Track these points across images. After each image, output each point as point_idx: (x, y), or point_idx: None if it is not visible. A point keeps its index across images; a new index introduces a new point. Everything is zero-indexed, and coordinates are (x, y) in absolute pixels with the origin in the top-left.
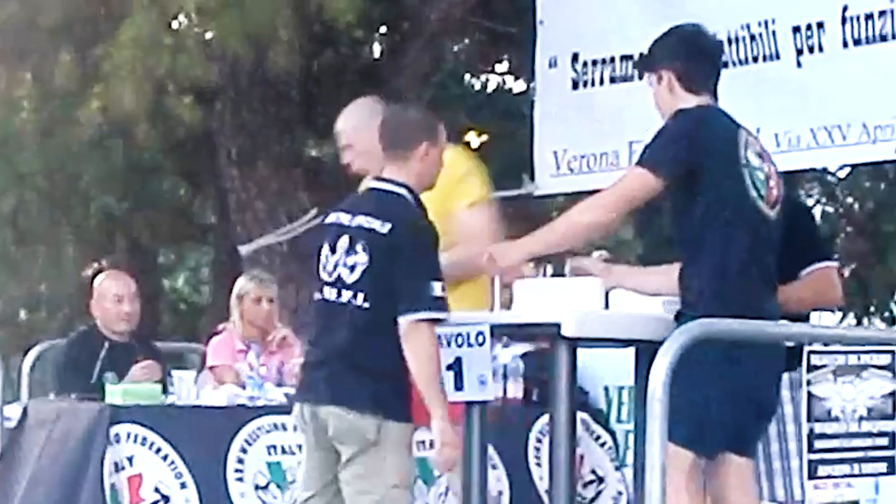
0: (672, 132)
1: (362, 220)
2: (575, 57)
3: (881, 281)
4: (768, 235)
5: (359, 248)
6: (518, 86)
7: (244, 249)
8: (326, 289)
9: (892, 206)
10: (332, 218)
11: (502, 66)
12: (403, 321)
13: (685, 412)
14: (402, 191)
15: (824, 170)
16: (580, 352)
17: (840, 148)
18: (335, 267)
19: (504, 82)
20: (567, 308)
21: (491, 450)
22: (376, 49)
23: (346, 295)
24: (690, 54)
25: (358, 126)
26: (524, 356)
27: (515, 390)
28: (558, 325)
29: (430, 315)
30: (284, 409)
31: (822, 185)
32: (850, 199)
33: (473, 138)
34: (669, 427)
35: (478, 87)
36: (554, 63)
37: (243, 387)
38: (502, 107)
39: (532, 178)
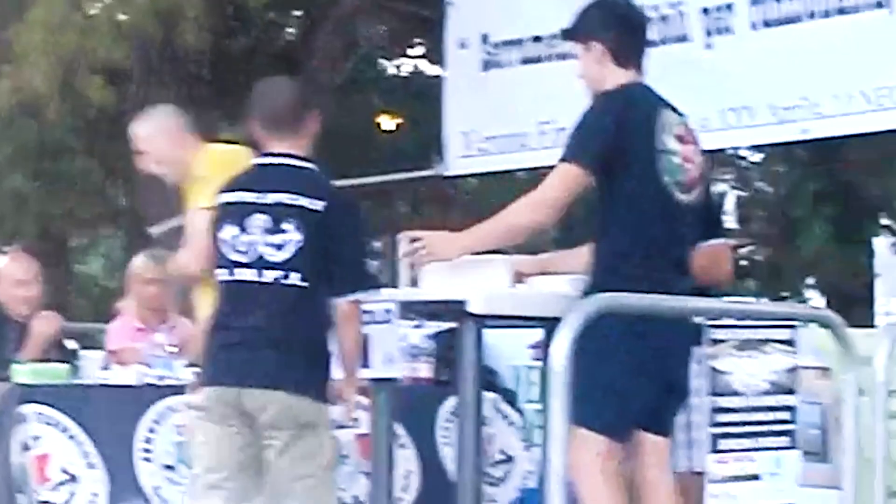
0: (598, 118)
1: (283, 197)
2: (485, 38)
3: (793, 265)
4: (681, 219)
5: (287, 225)
6: (433, 69)
7: (155, 231)
8: (239, 269)
9: (803, 191)
10: (230, 197)
11: (418, 50)
12: (344, 301)
13: (593, 394)
14: (311, 166)
15: (737, 155)
16: (490, 332)
17: (748, 129)
18: (251, 246)
19: (418, 67)
20: (474, 286)
21: (401, 429)
22: (290, 31)
23: (272, 274)
24: (622, 27)
25: (150, 134)
26: (435, 336)
27: (426, 370)
28: (465, 303)
29: (370, 294)
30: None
31: (736, 171)
32: (762, 184)
33: (387, 121)
34: (579, 411)
35: (392, 70)
36: (464, 44)
37: (149, 366)
38: (416, 90)
39: (442, 158)
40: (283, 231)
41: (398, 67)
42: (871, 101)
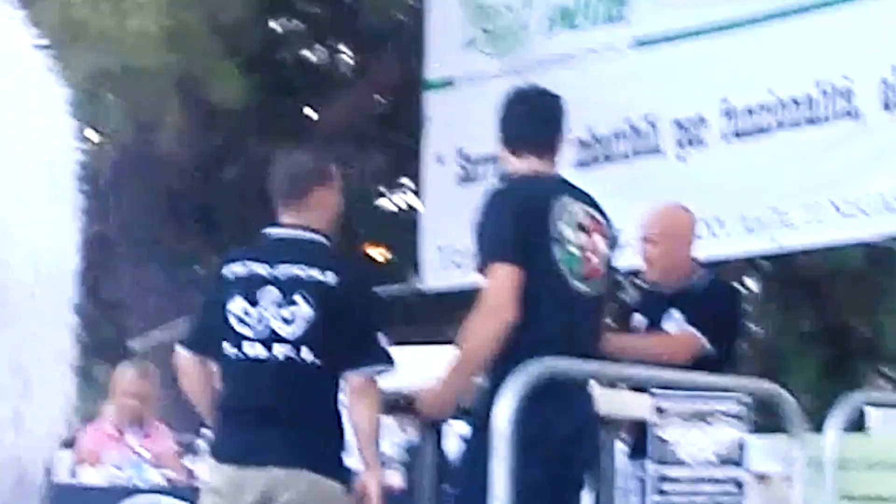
0: (492, 219)
1: (295, 270)
2: (461, 152)
3: None
4: (582, 311)
5: (297, 298)
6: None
7: (137, 344)
8: (247, 344)
9: (790, 331)
10: (238, 269)
11: (408, 181)
12: (358, 376)
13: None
14: (321, 238)
15: None
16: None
17: (718, 240)
18: (260, 320)
19: (408, 205)
20: (428, 378)
21: None
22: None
23: (282, 349)
24: (510, 116)
25: None
26: (409, 448)
27: (397, 479)
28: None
29: (386, 368)
30: (161, 490)
31: None
32: (749, 323)
33: (374, 253)
34: None
35: (384, 205)
36: (441, 159)
37: (119, 468)
38: (407, 225)
39: (418, 274)
40: (293, 304)
41: (390, 200)
42: (841, 211)
